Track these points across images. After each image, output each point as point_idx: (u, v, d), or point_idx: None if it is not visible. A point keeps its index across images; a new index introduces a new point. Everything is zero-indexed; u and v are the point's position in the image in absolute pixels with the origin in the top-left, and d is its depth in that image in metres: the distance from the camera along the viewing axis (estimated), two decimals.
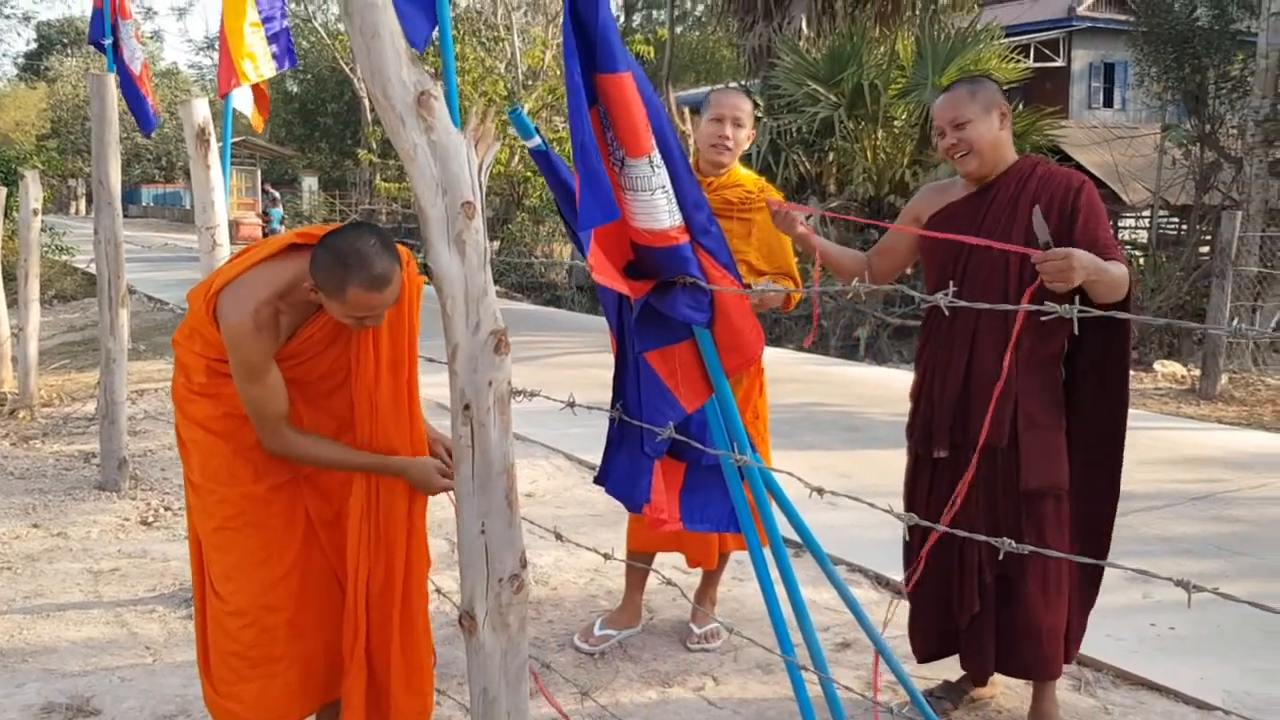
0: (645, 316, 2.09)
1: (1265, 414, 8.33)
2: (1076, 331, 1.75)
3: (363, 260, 2.37)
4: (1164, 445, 6.75)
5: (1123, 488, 2.91)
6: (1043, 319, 2.27)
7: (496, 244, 20.70)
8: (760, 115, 14.25)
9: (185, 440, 2.64)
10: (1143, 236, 16.37)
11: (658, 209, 1.94)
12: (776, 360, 10.05)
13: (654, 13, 40.25)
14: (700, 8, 35.82)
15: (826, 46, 14.36)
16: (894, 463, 3.05)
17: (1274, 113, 11.50)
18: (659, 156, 1.93)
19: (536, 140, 2.09)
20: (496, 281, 18.85)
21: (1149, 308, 12.17)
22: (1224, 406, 8.62)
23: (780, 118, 13.83)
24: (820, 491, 1.82)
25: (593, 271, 1.93)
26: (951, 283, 2.71)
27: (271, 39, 4.44)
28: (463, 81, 19.89)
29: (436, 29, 2.65)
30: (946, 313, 2.23)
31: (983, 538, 1.71)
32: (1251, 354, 10.16)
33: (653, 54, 26.14)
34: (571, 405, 2.30)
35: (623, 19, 40.92)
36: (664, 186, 1.94)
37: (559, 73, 19.22)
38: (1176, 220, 15.72)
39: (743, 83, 16.67)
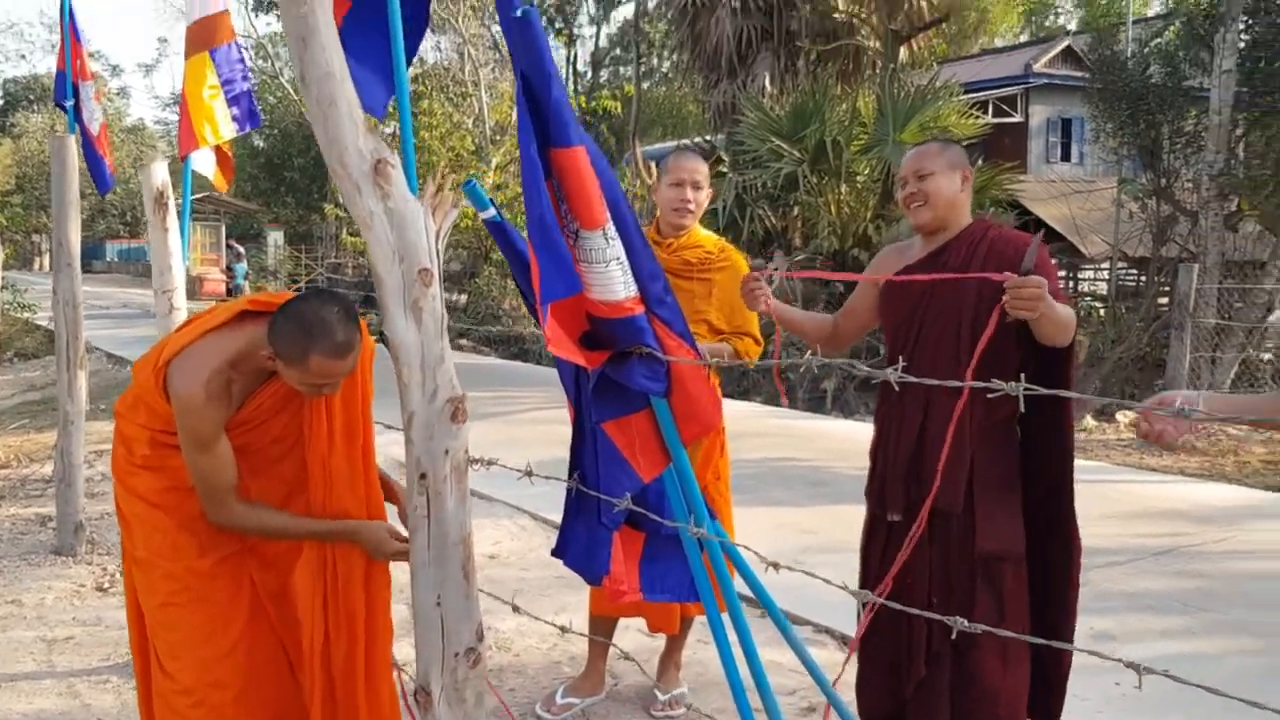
0: (602, 387, 2.08)
1: (1227, 464, 8.41)
2: (1023, 409, 1.75)
3: (326, 328, 2.36)
4: (1127, 498, 6.79)
5: (1087, 542, 2.90)
6: (993, 377, 2.30)
7: (464, 297, 20.70)
8: (726, 170, 14.42)
9: (126, 515, 2.59)
10: (1102, 288, 16.62)
11: (613, 280, 1.94)
12: (742, 414, 10.06)
13: (621, 69, 40.78)
14: (667, 64, 36.35)
15: (789, 103, 14.57)
16: (860, 518, 3.04)
17: (1228, 167, 11.75)
18: (613, 229, 1.94)
19: (491, 211, 2.09)
20: (464, 335, 18.90)
21: (1110, 358, 12.32)
22: (1186, 457, 8.70)
23: (745, 173, 13.98)
24: (775, 566, 1.80)
25: (549, 344, 1.92)
26: (901, 357, 2.74)
27: (232, 101, 4.44)
28: (430, 136, 20.02)
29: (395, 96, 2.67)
30: (896, 388, 2.23)
31: (935, 616, 1.69)
32: None
33: (620, 109, 26.43)
34: (529, 474, 2.28)
35: (590, 74, 41.41)
36: (619, 258, 1.94)
37: None
38: (1135, 272, 15.99)
39: (708, 138, 16.88)
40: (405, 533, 2.60)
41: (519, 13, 1.80)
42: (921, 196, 2.85)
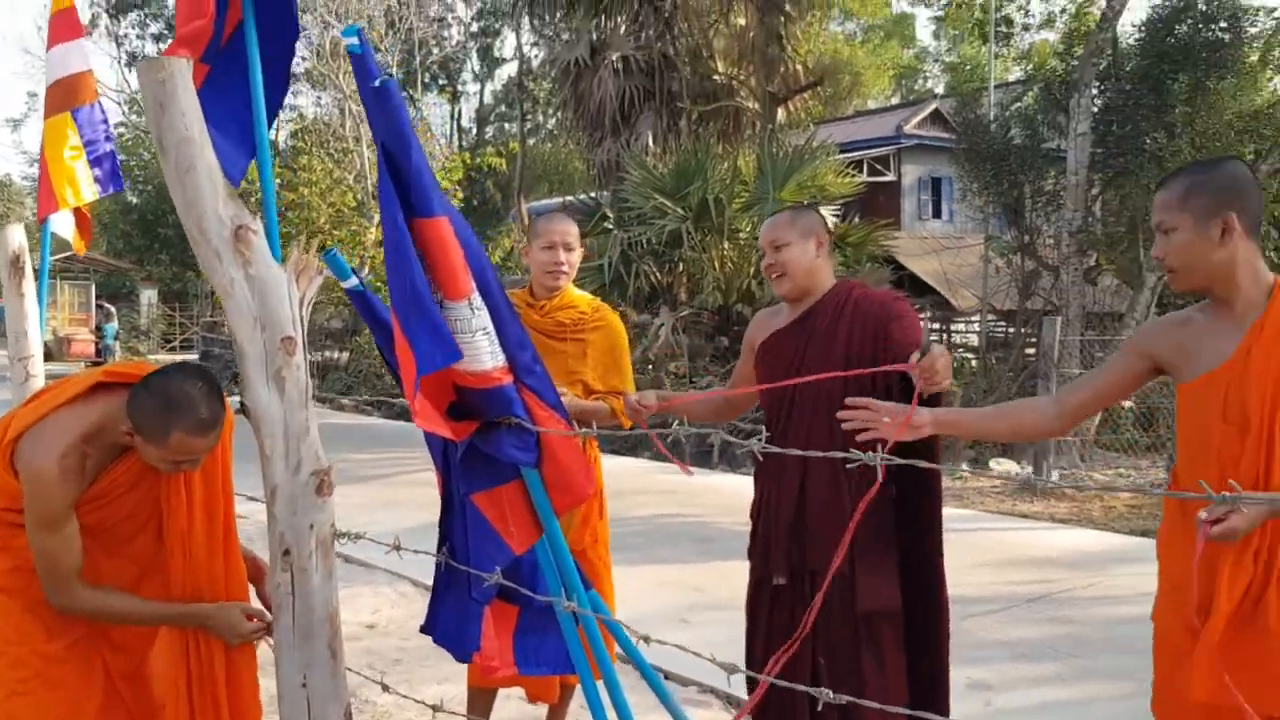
0: (470, 458, 2.04)
1: (1094, 509, 8.73)
2: (882, 479, 1.79)
3: (190, 403, 2.30)
4: (1000, 546, 6.98)
5: (962, 591, 2.96)
6: (860, 439, 2.36)
7: (345, 355, 20.32)
8: (611, 227, 14.55)
9: None
10: (974, 340, 17.21)
11: (480, 350, 1.92)
12: (629, 471, 10.06)
13: (506, 125, 40.97)
14: (552, 121, 36.69)
15: (672, 162, 14.82)
16: (745, 575, 3.05)
17: (1085, 224, 12.35)
18: (479, 298, 1.92)
19: (353, 281, 2.05)
20: (345, 395, 18.46)
21: (983, 405, 12.73)
22: (1056, 503, 9.00)
23: (630, 229, 14.11)
24: (646, 639, 1.79)
25: (415, 417, 1.88)
26: (778, 419, 2.78)
27: (94, 163, 4.29)
28: (310, 192, 19.75)
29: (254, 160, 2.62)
30: (760, 458, 2.25)
31: (803, 688, 1.69)
32: (1079, 451, 10.72)
33: (505, 165, 26.48)
34: (397, 549, 2.22)
35: (475, 130, 41.49)
36: (485, 328, 1.92)
37: None
38: (1004, 324, 16.60)
39: (593, 195, 17.02)
40: (264, 609, 2.51)
41: (377, 83, 1.78)
42: (779, 267, 2.92)
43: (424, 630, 2.26)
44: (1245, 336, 2.18)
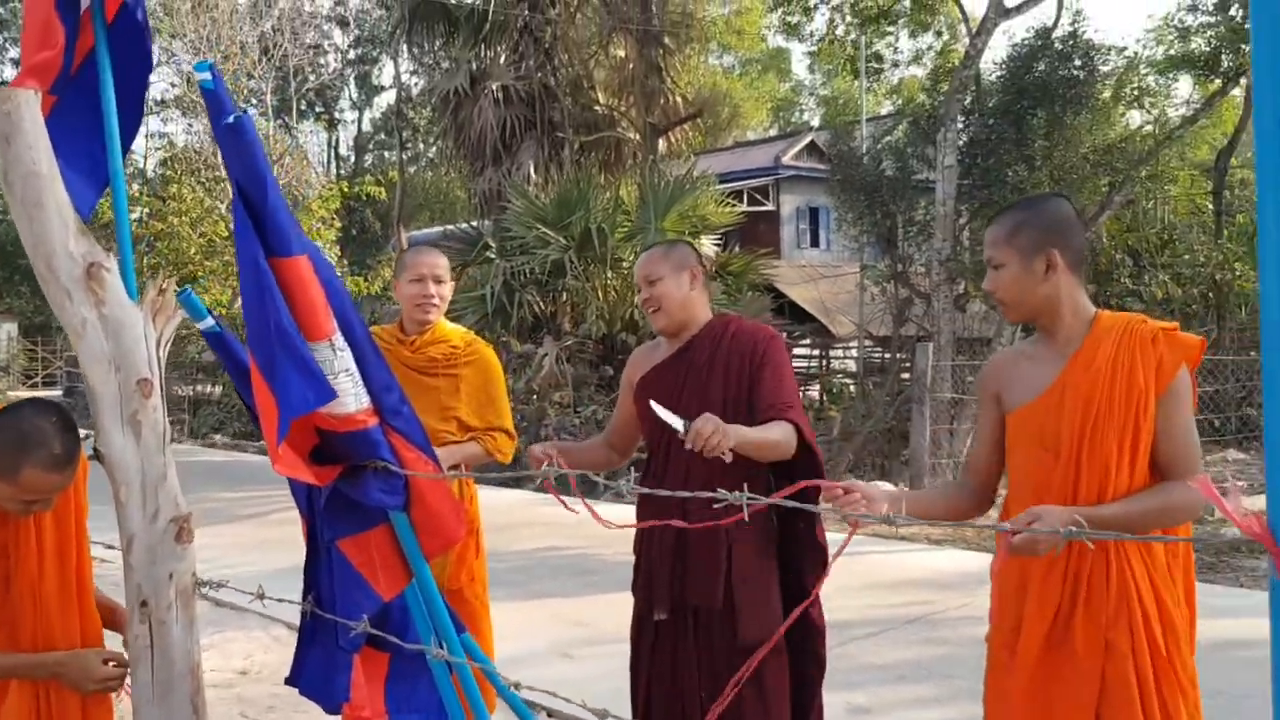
0: (335, 503, 1.98)
1: (967, 530, 8.99)
2: (747, 518, 1.80)
3: (42, 438, 2.19)
4: (877, 569, 7.12)
5: (840, 615, 2.99)
6: (749, 473, 2.38)
7: (218, 389, 19.71)
8: (493, 256, 14.47)
9: None
10: (852, 365, 17.63)
11: (343, 393, 1.86)
12: (511, 504, 9.97)
13: (386, 153, 40.43)
14: (433, 150, 36.35)
15: (554, 192, 14.85)
16: (630, 607, 3.03)
17: (954, 253, 12.79)
18: (341, 339, 1.87)
19: (209, 322, 1.98)
20: (218, 430, 17.81)
21: (861, 432, 13.03)
22: (931, 524, 9.24)
23: (513, 259, 14.06)
24: (517, 686, 1.76)
25: (276, 464, 1.82)
26: (648, 464, 2.79)
27: None
28: (180, 222, 19.14)
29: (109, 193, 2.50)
30: (626, 494, 2.25)
31: None
32: (952, 473, 11.04)
33: (384, 194, 26.09)
34: (261, 598, 2.14)
35: (353, 159, 40.84)
36: (348, 369, 1.87)
37: None
38: (880, 350, 17.05)
39: (475, 224, 16.92)
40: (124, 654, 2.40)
41: (231, 119, 1.73)
42: (655, 302, 2.93)
43: (289, 681, 2.18)
44: (1064, 366, 2.29)
